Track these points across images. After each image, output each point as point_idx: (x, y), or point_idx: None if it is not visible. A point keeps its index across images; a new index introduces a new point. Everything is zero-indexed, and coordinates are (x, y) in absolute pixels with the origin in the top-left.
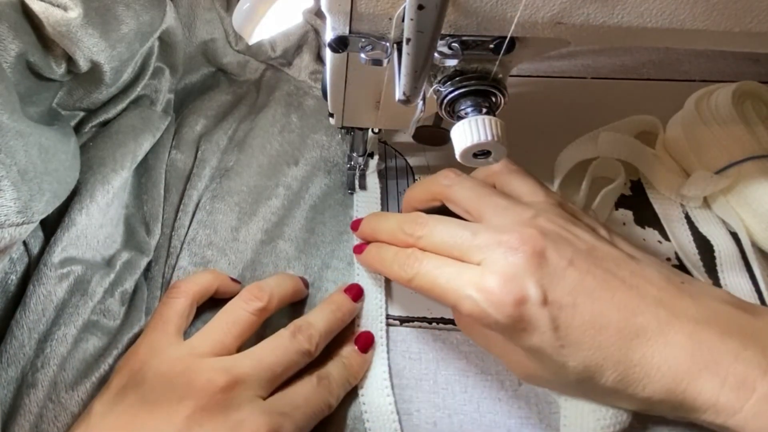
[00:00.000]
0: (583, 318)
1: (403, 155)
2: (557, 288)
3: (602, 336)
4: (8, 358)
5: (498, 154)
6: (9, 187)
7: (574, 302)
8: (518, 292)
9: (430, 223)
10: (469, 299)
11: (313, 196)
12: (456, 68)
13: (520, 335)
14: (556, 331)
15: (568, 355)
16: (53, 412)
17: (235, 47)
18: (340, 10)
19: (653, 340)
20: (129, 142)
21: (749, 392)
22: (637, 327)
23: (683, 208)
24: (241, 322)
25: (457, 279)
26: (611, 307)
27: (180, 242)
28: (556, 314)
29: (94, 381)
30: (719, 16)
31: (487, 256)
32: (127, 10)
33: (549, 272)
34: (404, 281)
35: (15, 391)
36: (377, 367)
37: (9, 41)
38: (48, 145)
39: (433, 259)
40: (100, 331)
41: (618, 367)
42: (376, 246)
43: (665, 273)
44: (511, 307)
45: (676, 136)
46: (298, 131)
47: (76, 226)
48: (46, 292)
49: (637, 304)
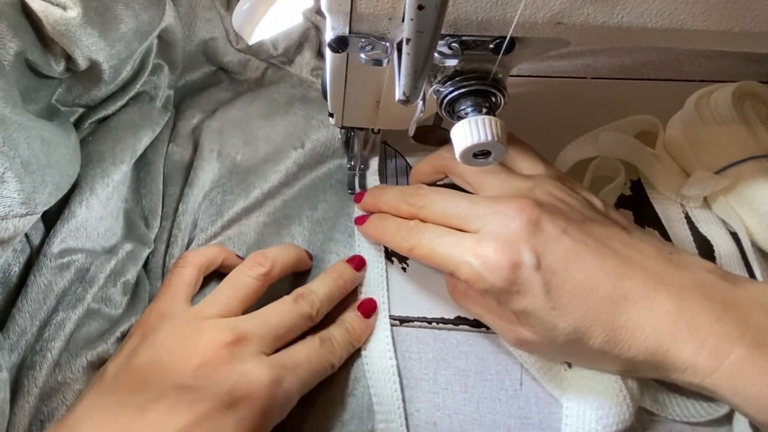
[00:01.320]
0: (573, 282)
1: (403, 155)
2: (550, 254)
3: (591, 299)
4: (11, 344)
5: (498, 154)
6: (13, 179)
7: (566, 267)
8: (513, 257)
9: (431, 194)
10: (467, 264)
11: (317, 177)
12: (456, 68)
13: (513, 298)
14: (547, 294)
15: (559, 317)
16: (54, 391)
17: (235, 46)
18: (340, 10)
19: (639, 304)
20: (128, 137)
21: (726, 354)
22: (624, 291)
23: (683, 208)
24: (245, 287)
25: (456, 247)
26: (601, 273)
27: (181, 230)
28: (548, 278)
29: (95, 359)
30: (719, 16)
31: (484, 224)
32: (126, 9)
33: (543, 239)
34: (405, 251)
35: (16, 375)
36: (380, 332)
37: (8, 39)
38: (50, 138)
39: (433, 229)
40: (101, 318)
41: (605, 328)
42: (378, 217)
43: (655, 245)
44: (506, 271)
45: (676, 136)
46: (303, 113)
47: (76, 218)
48: (47, 281)
49: (626, 271)
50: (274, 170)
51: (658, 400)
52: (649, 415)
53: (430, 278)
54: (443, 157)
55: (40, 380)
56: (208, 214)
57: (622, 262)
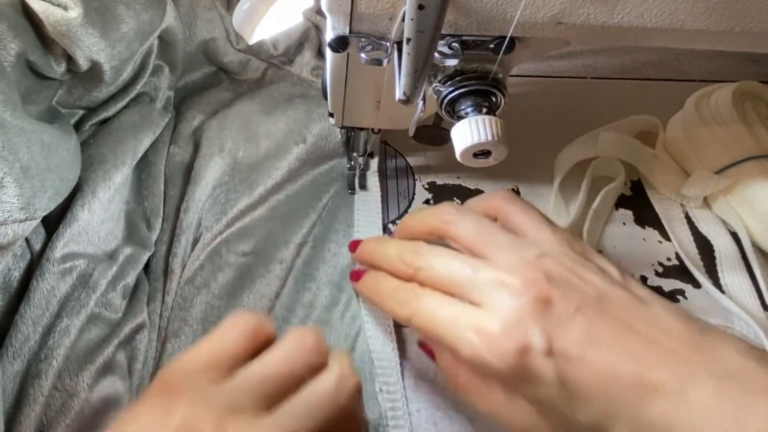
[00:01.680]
0: (593, 370)
1: (403, 155)
2: (564, 337)
3: (614, 390)
4: (14, 351)
5: (498, 154)
6: (12, 184)
7: (582, 353)
8: (521, 340)
9: (431, 255)
10: (469, 343)
11: (319, 172)
12: (456, 68)
13: (523, 386)
14: (563, 384)
15: (577, 410)
16: (59, 400)
17: (236, 46)
18: (340, 10)
19: (672, 397)
20: (129, 138)
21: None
22: (653, 382)
23: (683, 208)
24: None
25: (457, 320)
26: (624, 360)
27: (184, 230)
28: (562, 366)
29: (98, 367)
30: (719, 16)
31: (488, 298)
32: (127, 10)
33: (555, 320)
34: (402, 320)
35: (21, 383)
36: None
37: (9, 40)
38: (49, 142)
39: (432, 296)
40: (102, 322)
41: (632, 423)
42: (373, 276)
43: (683, 320)
44: (513, 356)
45: (676, 136)
46: (304, 107)
47: (78, 221)
48: (49, 287)
49: (653, 356)
50: (276, 167)
51: None
52: None
53: None
54: (440, 219)
55: (45, 388)
56: (213, 213)
57: (647, 345)
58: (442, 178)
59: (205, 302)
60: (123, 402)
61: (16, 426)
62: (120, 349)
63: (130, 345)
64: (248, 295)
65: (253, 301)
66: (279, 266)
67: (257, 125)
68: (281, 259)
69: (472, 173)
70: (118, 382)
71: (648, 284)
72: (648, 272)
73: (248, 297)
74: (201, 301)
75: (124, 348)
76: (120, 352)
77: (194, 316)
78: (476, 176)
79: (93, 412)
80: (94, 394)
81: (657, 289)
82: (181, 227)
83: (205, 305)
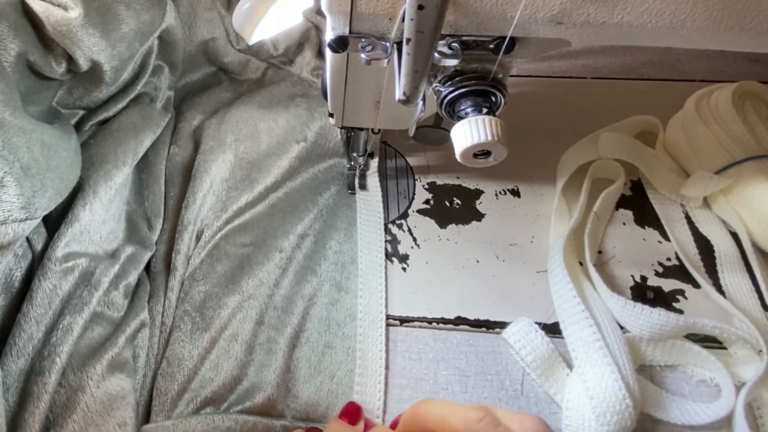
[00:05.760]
0: None
1: (403, 155)
2: None
3: None
4: (18, 350)
5: (498, 154)
6: (12, 183)
7: None
8: None
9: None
10: None
11: (318, 170)
12: (456, 68)
13: None
14: None
15: None
16: (64, 396)
17: (236, 46)
18: (340, 10)
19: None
20: (130, 139)
21: None
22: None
23: (683, 208)
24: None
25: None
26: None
27: (186, 228)
28: None
29: (103, 364)
30: (719, 16)
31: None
32: (127, 10)
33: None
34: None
35: (25, 381)
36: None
37: (9, 40)
38: (50, 142)
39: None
40: (104, 321)
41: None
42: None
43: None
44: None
45: (676, 136)
46: (305, 105)
47: (80, 221)
48: (52, 286)
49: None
50: (277, 165)
51: (659, 403)
52: (649, 417)
53: (430, 278)
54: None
55: (50, 386)
56: (213, 210)
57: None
58: (442, 178)
59: (204, 291)
60: (130, 398)
61: (21, 424)
62: (127, 346)
63: (132, 343)
64: (247, 281)
65: (252, 287)
66: (279, 255)
67: (259, 122)
68: (281, 248)
69: (472, 173)
70: (126, 379)
71: (648, 284)
72: (648, 272)
73: (247, 283)
74: (200, 291)
75: (130, 345)
76: (127, 349)
77: (193, 305)
78: (476, 176)
79: (100, 407)
80: (100, 390)
81: (657, 289)
82: (182, 224)
83: (204, 294)
